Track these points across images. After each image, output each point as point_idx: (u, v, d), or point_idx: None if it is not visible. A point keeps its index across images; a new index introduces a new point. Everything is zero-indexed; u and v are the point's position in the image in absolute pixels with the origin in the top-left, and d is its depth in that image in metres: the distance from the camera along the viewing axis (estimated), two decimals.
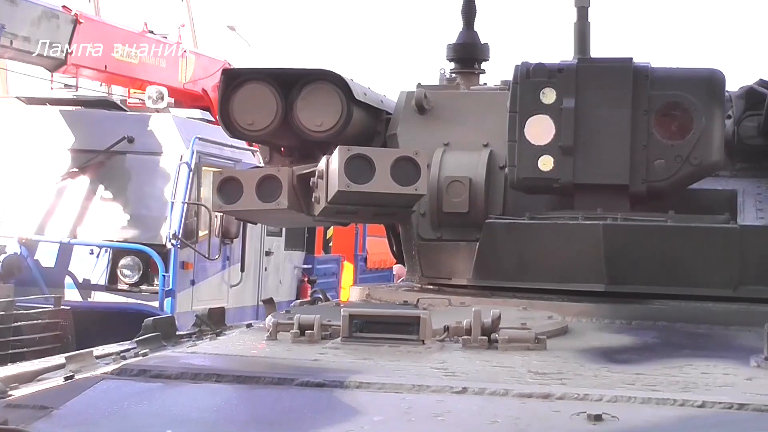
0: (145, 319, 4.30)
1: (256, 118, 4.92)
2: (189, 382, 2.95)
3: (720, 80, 4.42)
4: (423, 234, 4.91)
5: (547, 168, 4.43)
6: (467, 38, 5.50)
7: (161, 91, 13.50)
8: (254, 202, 4.73)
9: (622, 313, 4.17)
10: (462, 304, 4.26)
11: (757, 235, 4.22)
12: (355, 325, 3.49)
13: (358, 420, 2.63)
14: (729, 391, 2.88)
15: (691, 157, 4.35)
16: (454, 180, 4.76)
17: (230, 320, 5.14)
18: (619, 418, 2.61)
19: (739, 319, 4.04)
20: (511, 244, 4.50)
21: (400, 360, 3.24)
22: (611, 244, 4.26)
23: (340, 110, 4.85)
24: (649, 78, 4.39)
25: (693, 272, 4.24)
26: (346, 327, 3.46)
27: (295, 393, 2.86)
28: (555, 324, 3.84)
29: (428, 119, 5.05)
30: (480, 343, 3.46)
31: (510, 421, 2.62)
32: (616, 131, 4.37)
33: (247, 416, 2.73)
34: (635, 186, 4.38)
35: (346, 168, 4.37)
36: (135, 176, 12.72)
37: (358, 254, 18.31)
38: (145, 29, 15.13)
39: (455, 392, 2.84)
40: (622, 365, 3.27)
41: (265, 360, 3.30)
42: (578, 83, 4.41)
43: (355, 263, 18.15)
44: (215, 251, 12.90)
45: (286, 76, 4.94)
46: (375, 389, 2.87)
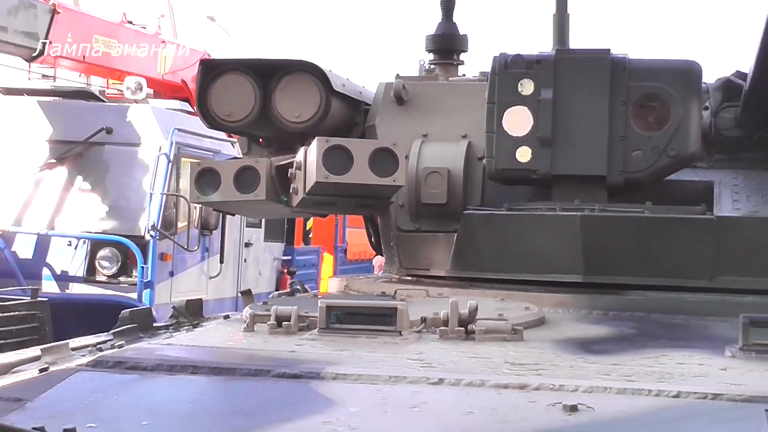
0: (122, 311, 4.29)
1: (235, 108, 4.91)
2: (165, 373, 2.94)
3: (697, 72, 4.43)
4: (401, 225, 4.91)
5: (525, 159, 4.44)
6: (446, 29, 5.51)
7: (140, 81, 13.45)
8: (232, 193, 4.72)
9: (599, 304, 4.18)
10: (440, 295, 4.26)
11: (733, 225, 4.24)
12: (333, 317, 3.48)
13: (334, 411, 2.63)
14: (704, 381, 2.89)
15: (668, 149, 4.37)
16: (433, 171, 4.77)
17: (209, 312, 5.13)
18: (595, 408, 2.61)
19: (715, 310, 4.05)
20: (489, 235, 4.50)
21: (377, 351, 3.23)
22: (589, 235, 4.27)
23: (318, 101, 4.85)
24: (626, 69, 4.40)
25: (670, 263, 4.25)
26: (323, 318, 3.45)
27: (272, 384, 2.85)
28: (532, 315, 3.84)
29: (407, 110, 5.05)
30: (457, 334, 3.46)
31: (486, 412, 2.62)
32: (594, 122, 4.38)
33: (223, 408, 2.72)
34: (613, 177, 4.39)
35: (324, 159, 4.36)
36: (113, 167, 12.68)
37: (337, 245, 18.33)
38: (124, 20, 15.07)
39: (431, 383, 2.84)
40: (599, 356, 3.28)
41: (242, 351, 3.29)
42: (556, 74, 4.42)
43: (335, 254, 18.16)
44: (194, 242, 12.88)
45: (265, 67, 4.93)
46: (351, 380, 2.86)
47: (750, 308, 3.93)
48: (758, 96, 4.40)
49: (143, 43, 15.18)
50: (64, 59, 13.87)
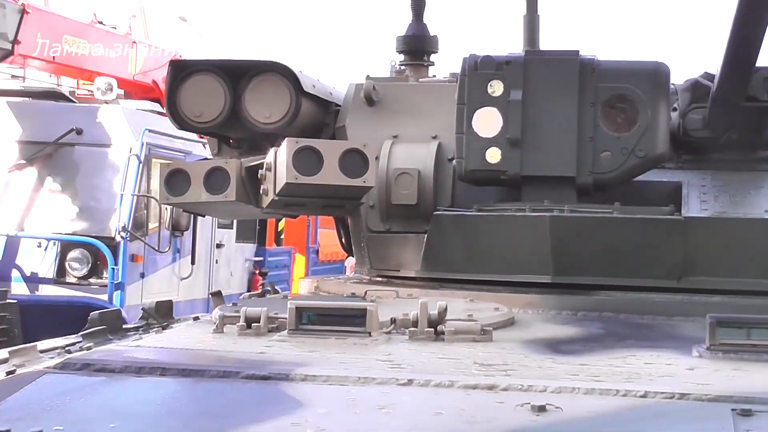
0: (91, 313, 4.26)
1: (205, 109, 4.90)
2: (133, 375, 2.93)
3: (665, 73, 4.46)
4: (372, 226, 4.92)
5: (494, 160, 4.45)
6: (416, 30, 5.52)
7: (110, 82, 13.39)
8: (202, 194, 4.70)
9: (568, 304, 4.20)
10: (410, 296, 4.26)
11: (700, 226, 4.27)
12: (306, 318, 3.48)
13: (303, 413, 2.62)
14: (671, 381, 2.90)
15: (636, 149, 4.40)
16: (403, 172, 4.77)
17: (181, 313, 5.11)
18: (563, 408, 2.63)
19: (682, 310, 4.08)
20: (459, 236, 4.51)
21: (346, 352, 3.23)
22: (558, 236, 4.29)
23: (288, 102, 4.85)
24: (595, 71, 4.42)
25: (638, 263, 4.28)
26: (292, 319, 3.45)
27: (240, 386, 2.85)
28: (501, 315, 3.86)
29: (377, 111, 5.06)
30: (426, 335, 3.46)
31: (455, 413, 2.62)
32: (563, 123, 4.40)
33: (191, 409, 2.71)
34: (582, 178, 4.41)
35: (294, 160, 4.35)
36: (84, 168, 12.61)
37: (309, 246, 18.31)
38: (94, 20, 14.98)
39: (400, 384, 2.84)
40: (567, 356, 3.29)
41: (211, 353, 3.28)
42: (525, 76, 4.43)
43: (307, 255, 18.14)
44: (165, 244, 12.83)
45: (235, 68, 4.92)
46: (320, 382, 2.86)
47: (717, 308, 3.96)
48: (725, 97, 4.44)
49: (114, 44, 15.10)
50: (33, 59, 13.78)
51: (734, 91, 4.36)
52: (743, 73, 4.18)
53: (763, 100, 4.49)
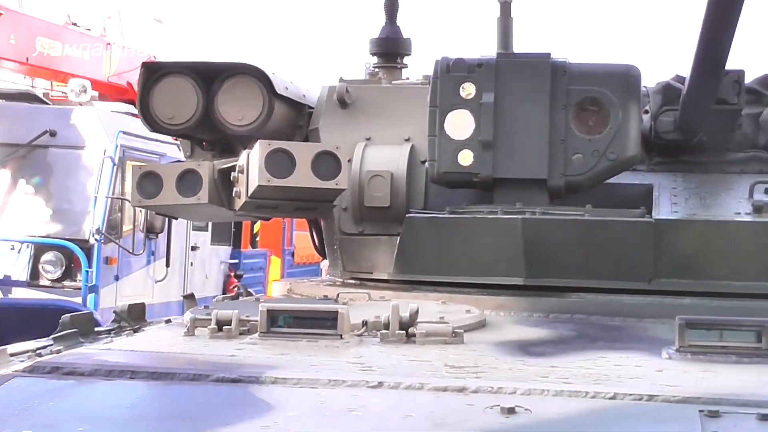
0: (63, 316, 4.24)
1: (177, 111, 4.89)
2: (102, 378, 2.92)
3: (636, 76, 4.48)
4: (345, 228, 4.92)
5: (466, 162, 4.46)
6: (390, 33, 5.53)
7: (84, 84, 13.33)
8: (174, 197, 4.70)
9: (540, 306, 4.22)
10: (382, 298, 4.26)
11: (671, 228, 4.29)
12: (282, 321, 3.47)
13: (273, 415, 2.62)
14: (640, 382, 2.92)
15: (607, 152, 4.42)
16: (376, 174, 4.78)
17: (156, 316, 5.09)
18: (532, 410, 2.63)
19: (653, 312, 4.10)
20: (432, 239, 4.52)
21: (317, 355, 3.23)
22: (530, 238, 4.30)
23: (261, 104, 4.84)
24: (566, 73, 4.44)
25: (609, 265, 4.30)
26: (264, 322, 3.45)
27: (210, 389, 2.85)
28: (473, 318, 3.86)
29: (350, 113, 5.06)
30: (398, 338, 3.47)
31: (424, 415, 2.63)
32: (535, 126, 4.42)
33: (161, 412, 2.71)
34: (554, 180, 4.43)
35: (266, 162, 4.36)
36: (57, 170, 12.55)
37: (285, 249, 18.27)
38: (68, 21, 14.91)
39: (371, 387, 2.84)
40: (537, 358, 3.30)
41: (182, 356, 3.27)
42: (497, 78, 4.45)
43: (283, 258, 18.10)
44: (140, 246, 12.79)
45: (207, 70, 4.92)
46: (291, 384, 2.86)
47: (688, 310, 3.99)
48: (695, 100, 4.46)
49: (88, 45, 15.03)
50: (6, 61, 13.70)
51: (704, 94, 4.39)
52: (713, 77, 4.21)
53: (733, 103, 4.52)
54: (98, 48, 15.27)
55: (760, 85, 5.14)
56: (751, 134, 5.00)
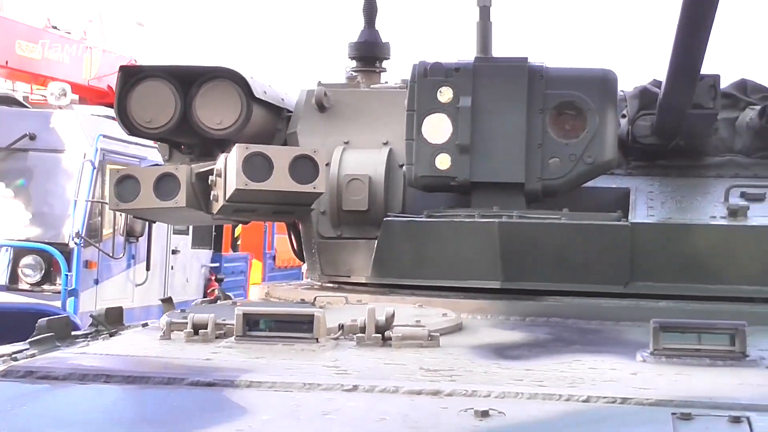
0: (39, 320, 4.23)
1: (155, 115, 4.89)
2: (77, 382, 2.91)
3: (613, 80, 4.50)
4: (323, 232, 4.92)
5: (444, 166, 4.47)
6: (368, 37, 5.52)
7: (64, 87, 13.28)
8: (152, 200, 4.70)
9: (516, 310, 4.23)
10: (359, 301, 4.27)
11: (647, 232, 4.31)
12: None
13: (247, 419, 2.62)
14: (614, 385, 2.93)
15: (584, 156, 4.43)
16: (354, 178, 4.79)
17: (136, 319, 5.07)
18: (506, 413, 2.64)
19: (629, 315, 4.11)
20: (409, 242, 4.53)
21: (293, 358, 3.23)
22: (506, 242, 4.31)
23: (239, 108, 4.85)
24: (543, 77, 4.46)
25: (586, 269, 4.31)
26: (239, 326, 3.44)
27: (185, 393, 2.84)
28: (449, 321, 3.87)
29: (328, 117, 5.07)
30: (374, 341, 3.47)
31: (398, 418, 2.63)
32: (512, 130, 4.43)
33: (135, 416, 2.71)
34: (531, 184, 4.45)
35: (244, 166, 4.36)
36: (37, 174, 12.50)
37: (266, 252, 18.25)
38: (48, 24, 14.87)
39: (345, 390, 2.85)
40: (513, 361, 3.31)
41: (157, 360, 3.26)
42: (475, 82, 4.46)
43: (264, 261, 18.08)
44: (119, 250, 12.75)
45: (185, 74, 4.91)
46: (265, 388, 2.87)
47: (664, 313, 4.02)
48: (671, 104, 4.49)
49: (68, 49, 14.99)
50: None
51: (680, 98, 4.41)
52: (688, 81, 4.23)
53: (709, 108, 4.55)
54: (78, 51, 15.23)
55: (737, 90, 5.18)
56: (727, 138, 5.04)
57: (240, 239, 17.53)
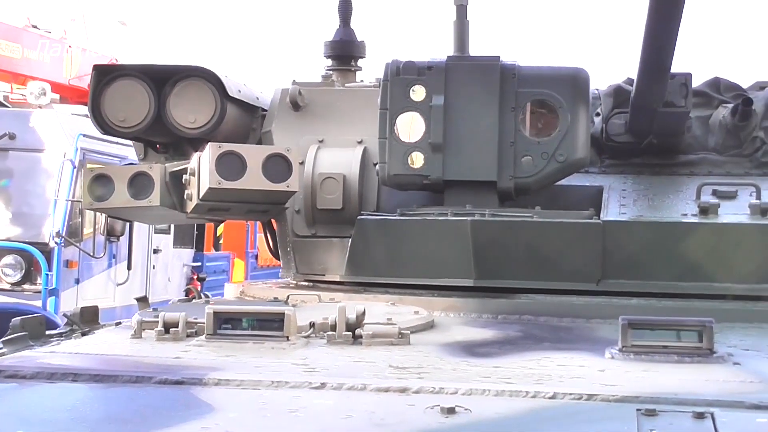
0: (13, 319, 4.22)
1: (129, 114, 4.89)
2: (44, 381, 2.91)
3: (584, 79, 4.52)
4: (298, 231, 4.93)
5: (417, 165, 4.49)
6: (344, 35, 5.53)
7: (43, 87, 13.22)
8: (126, 199, 4.70)
9: (489, 308, 4.24)
10: (332, 300, 4.27)
11: (618, 229, 4.33)
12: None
13: (214, 417, 2.63)
14: (581, 382, 2.94)
15: (556, 154, 4.45)
16: (328, 177, 4.79)
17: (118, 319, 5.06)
18: (472, 410, 2.65)
19: (600, 312, 4.13)
20: (383, 240, 4.54)
21: (263, 357, 3.24)
22: (479, 240, 4.32)
23: (213, 107, 4.85)
24: (516, 76, 4.47)
25: (558, 267, 4.33)
26: (210, 324, 3.45)
27: (153, 391, 2.84)
28: (421, 319, 3.88)
29: (303, 116, 5.07)
30: (344, 339, 3.48)
31: (364, 416, 2.64)
32: (484, 128, 4.44)
33: (101, 415, 2.70)
34: (503, 182, 4.46)
35: (217, 165, 4.37)
36: (17, 173, 12.45)
37: (249, 251, 18.22)
38: (28, 24, 14.82)
39: (313, 388, 2.85)
40: (482, 359, 3.32)
41: (126, 358, 3.26)
42: (447, 81, 4.47)
43: (246, 260, 18.05)
44: (100, 249, 12.71)
45: (159, 73, 4.92)
46: (234, 386, 2.87)
47: (635, 310, 4.04)
48: (643, 103, 4.51)
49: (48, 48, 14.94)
50: None
51: (652, 96, 4.44)
52: (659, 80, 4.26)
53: (680, 106, 4.57)
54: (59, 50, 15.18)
55: (710, 88, 5.20)
56: (700, 136, 5.06)
57: (222, 238, 17.50)
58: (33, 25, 14.91)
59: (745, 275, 4.24)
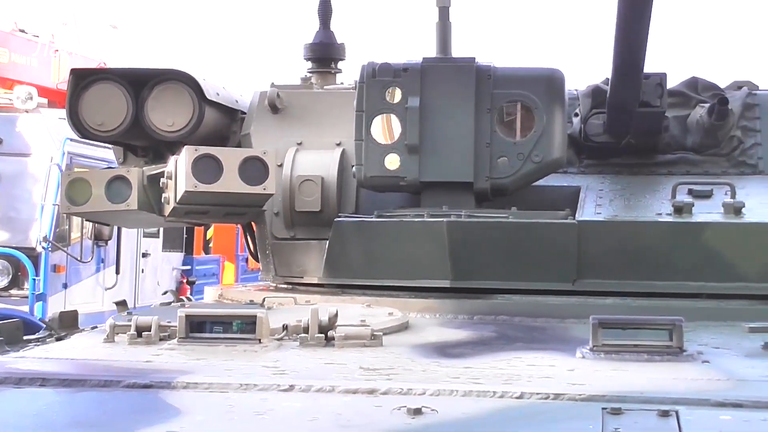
0: None
1: (107, 118, 4.90)
2: (12, 386, 2.90)
3: (559, 79, 4.53)
4: (276, 233, 4.93)
5: (393, 166, 4.49)
6: (323, 38, 5.53)
7: (30, 91, 13.21)
8: (103, 203, 4.70)
9: (465, 308, 4.24)
10: (307, 302, 4.27)
11: (593, 229, 4.33)
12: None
13: (180, 420, 2.62)
14: (549, 382, 2.94)
15: (532, 155, 4.46)
16: (307, 179, 4.80)
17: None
18: (439, 411, 2.65)
19: (576, 312, 4.13)
20: (360, 242, 4.54)
21: (234, 359, 3.23)
22: (455, 241, 4.33)
23: (191, 110, 4.86)
24: (491, 77, 4.48)
25: (534, 267, 4.33)
26: (182, 327, 3.45)
27: (121, 395, 2.84)
28: (395, 320, 3.88)
29: (282, 118, 5.08)
30: (317, 341, 3.47)
31: (331, 418, 2.64)
32: (461, 129, 4.45)
33: (68, 420, 2.69)
34: (479, 183, 4.47)
35: (193, 168, 4.37)
36: (4, 178, 12.45)
37: (239, 254, 18.20)
38: (15, 28, 14.80)
39: (282, 390, 2.85)
40: (453, 359, 3.32)
41: (96, 362, 3.26)
42: (423, 82, 4.48)
43: (236, 264, 18.04)
44: (88, 254, 12.71)
45: (137, 76, 4.92)
46: (202, 389, 2.86)
47: (610, 310, 4.05)
48: (619, 103, 4.52)
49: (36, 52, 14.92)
50: None
51: (627, 96, 4.45)
52: (632, 80, 4.27)
53: (656, 106, 4.58)
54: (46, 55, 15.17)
55: (688, 88, 5.22)
56: (678, 136, 5.08)
57: (212, 241, 17.50)
58: (20, 30, 14.89)
59: (718, 274, 4.24)
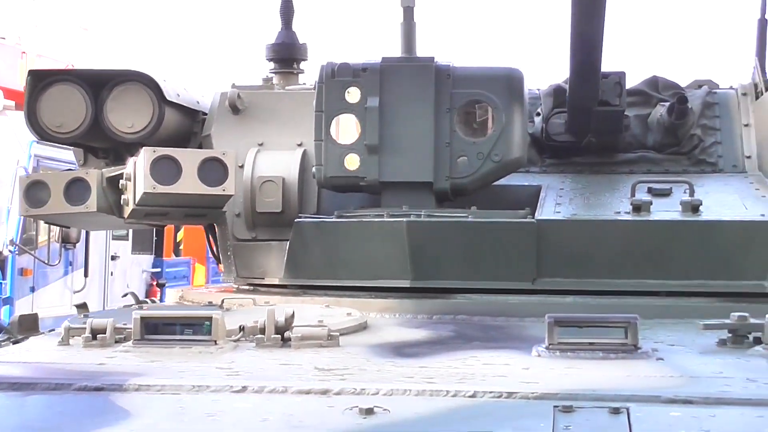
0: None
1: (65, 120, 4.87)
2: None
3: (518, 78, 4.53)
4: (238, 234, 4.92)
5: (353, 167, 4.48)
6: (285, 38, 5.52)
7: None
8: (62, 206, 4.67)
9: (424, 308, 4.24)
10: (267, 303, 4.25)
11: (552, 229, 4.34)
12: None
13: (130, 423, 2.61)
14: (503, 380, 2.94)
15: (492, 154, 4.46)
16: (267, 180, 4.79)
17: None
18: (391, 410, 2.64)
19: (536, 311, 4.11)
20: (320, 243, 4.53)
21: (188, 361, 3.21)
22: (415, 241, 4.32)
23: (151, 111, 4.84)
24: (450, 77, 4.48)
25: (494, 266, 4.33)
26: (137, 329, 3.42)
27: (71, 398, 2.81)
28: (353, 321, 3.87)
29: (243, 119, 5.06)
30: (273, 342, 3.46)
31: (282, 418, 2.63)
32: (420, 129, 4.45)
33: (15, 423, 2.66)
34: (439, 183, 4.47)
35: (152, 169, 4.35)
36: None
37: (209, 256, 18.12)
38: None
39: (234, 391, 2.83)
40: (409, 359, 3.31)
41: (49, 365, 3.23)
42: (382, 82, 4.48)
43: (207, 266, 17.96)
44: (55, 257, 12.64)
45: (96, 77, 4.89)
46: (154, 391, 2.84)
47: (569, 308, 4.06)
48: (578, 102, 4.53)
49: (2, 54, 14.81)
50: None
51: (585, 95, 4.46)
52: (590, 79, 4.28)
53: (615, 105, 4.60)
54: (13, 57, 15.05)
55: (648, 87, 5.24)
56: (639, 135, 5.10)
57: (182, 243, 17.43)
58: None
59: (676, 272, 4.26)
